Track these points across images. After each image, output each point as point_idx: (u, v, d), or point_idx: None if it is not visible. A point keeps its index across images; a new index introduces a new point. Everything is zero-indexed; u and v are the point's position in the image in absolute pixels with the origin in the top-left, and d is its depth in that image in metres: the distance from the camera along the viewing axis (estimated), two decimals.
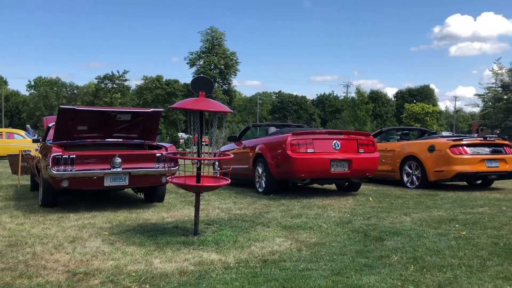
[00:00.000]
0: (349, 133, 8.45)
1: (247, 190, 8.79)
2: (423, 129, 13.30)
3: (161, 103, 66.01)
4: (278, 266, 3.56)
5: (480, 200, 7.44)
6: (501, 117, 54.95)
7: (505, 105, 55.03)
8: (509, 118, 53.80)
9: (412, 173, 9.65)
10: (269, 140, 8.34)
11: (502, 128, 55.83)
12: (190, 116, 4.70)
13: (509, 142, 10.26)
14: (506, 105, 54.94)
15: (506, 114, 54.51)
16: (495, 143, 9.52)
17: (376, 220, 5.55)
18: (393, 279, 3.19)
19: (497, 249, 4.03)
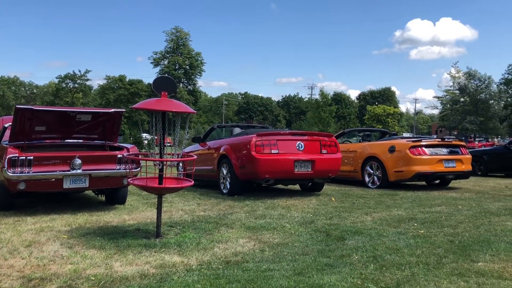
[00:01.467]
0: (312, 134, 8.55)
1: (212, 191, 8.76)
2: (384, 130, 13.62)
3: (124, 103, 64.83)
4: (240, 267, 3.55)
5: (438, 199, 7.68)
6: (459, 119, 56.98)
7: (462, 107, 57.10)
8: (466, 120, 55.84)
9: (373, 173, 9.86)
10: (233, 141, 8.33)
11: (459, 129, 57.91)
12: (153, 117, 4.63)
13: (466, 143, 10.65)
14: (463, 107, 57.02)
15: (463, 116, 56.56)
16: (452, 144, 9.85)
17: (338, 220, 5.63)
18: (353, 278, 3.25)
19: (453, 246, 4.16)
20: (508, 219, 5.61)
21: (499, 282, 3.15)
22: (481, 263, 3.60)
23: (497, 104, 58.74)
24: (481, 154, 14.58)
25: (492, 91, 57.90)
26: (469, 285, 3.09)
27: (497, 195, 8.25)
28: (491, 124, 56.71)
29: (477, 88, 56.57)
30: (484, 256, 3.81)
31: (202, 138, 9.96)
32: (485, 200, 7.47)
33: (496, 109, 57.78)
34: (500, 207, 6.67)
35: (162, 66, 71.47)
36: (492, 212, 6.15)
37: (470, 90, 56.54)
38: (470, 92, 56.58)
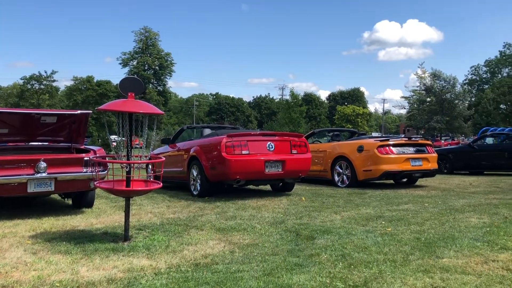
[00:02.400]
0: (283, 135, 8.58)
1: (182, 193, 8.68)
2: (353, 130, 13.82)
3: (92, 104, 63.58)
4: (210, 269, 3.53)
5: (405, 197, 7.83)
6: (425, 119, 58.36)
7: (429, 107, 58.50)
8: (433, 119, 57.26)
9: (343, 172, 9.99)
10: (203, 142, 8.28)
11: (426, 129, 59.32)
12: (120, 119, 4.55)
13: (433, 142, 10.93)
14: (430, 107, 58.43)
15: (429, 115, 57.96)
16: (419, 143, 10.08)
17: (308, 219, 5.67)
18: (322, 277, 3.27)
19: (419, 243, 4.25)
20: (471, 215, 5.77)
21: (462, 277, 3.24)
22: (446, 259, 3.69)
23: (461, 104, 60.45)
24: (447, 152, 14.98)
25: (457, 91, 59.54)
26: (434, 281, 3.16)
27: (461, 193, 8.48)
28: (456, 123, 58.30)
29: (442, 89, 58.06)
30: (449, 252, 3.90)
31: (171, 140, 9.86)
32: (450, 198, 7.67)
33: (461, 108, 59.45)
34: (464, 204, 6.86)
35: (131, 66, 70.58)
36: (457, 209, 6.31)
37: (436, 90, 57.99)
38: (436, 92, 58.02)
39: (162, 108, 71.49)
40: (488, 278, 3.20)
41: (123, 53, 71.44)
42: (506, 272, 3.35)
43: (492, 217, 5.60)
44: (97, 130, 55.99)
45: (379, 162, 9.34)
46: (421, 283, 3.12)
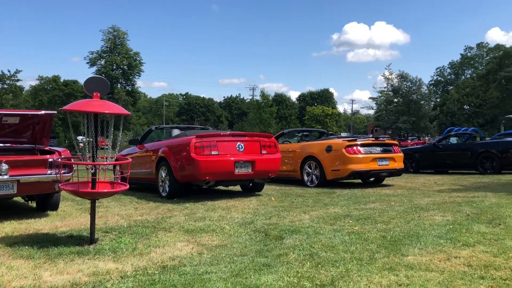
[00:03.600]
0: (252, 135, 8.59)
1: (150, 194, 8.57)
2: (322, 130, 13.98)
3: (59, 104, 62.01)
4: (177, 272, 3.49)
5: (372, 196, 7.97)
6: (393, 119, 59.55)
7: (396, 108, 59.72)
8: (400, 120, 58.48)
9: (312, 172, 10.08)
10: (172, 142, 8.20)
11: (393, 129, 60.58)
12: (86, 119, 4.45)
13: (399, 142, 11.17)
14: (397, 107, 59.66)
15: (396, 116, 59.17)
16: (386, 143, 10.27)
17: (277, 219, 5.69)
18: (289, 277, 3.29)
19: (385, 242, 4.33)
20: (436, 213, 5.92)
21: (426, 274, 3.31)
22: (411, 257, 3.77)
23: (427, 104, 62.02)
24: (413, 152, 15.33)
25: (422, 92, 61.02)
26: (399, 278, 3.22)
27: (427, 191, 8.69)
28: (422, 123, 59.74)
29: (409, 90, 59.37)
30: (413, 250, 3.98)
31: (139, 140, 9.73)
32: (416, 196, 7.85)
33: (426, 109, 60.96)
34: (429, 202, 7.02)
35: (99, 66, 69.18)
36: (422, 207, 6.46)
37: (403, 91, 59.25)
38: (402, 93, 59.28)
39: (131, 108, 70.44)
40: (450, 275, 3.29)
41: (91, 52, 69.93)
42: (467, 268, 3.45)
43: (455, 214, 5.76)
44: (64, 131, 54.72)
45: (347, 161, 9.47)
46: (386, 281, 3.17)
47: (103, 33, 69.97)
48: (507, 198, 7.19)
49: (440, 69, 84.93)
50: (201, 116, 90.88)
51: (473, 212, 5.91)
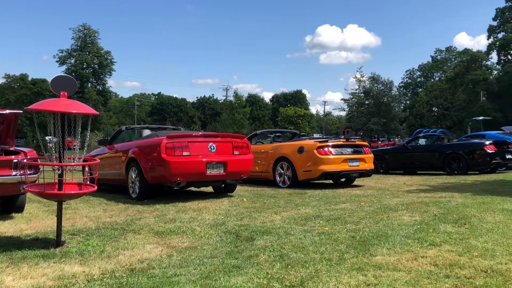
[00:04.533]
0: (225, 136, 8.55)
1: (120, 196, 8.44)
2: (294, 131, 14.06)
3: (26, 104, 60.42)
4: (146, 274, 3.44)
5: (343, 197, 8.05)
6: (364, 120, 60.50)
7: (367, 109, 60.69)
8: (371, 121, 59.43)
9: (284, 173, 10.12)
10: (142, 143, 8.08)
11: (364, 130, 61.51)
12: (53, 119, 4.33)
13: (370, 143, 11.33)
14: (368, 109, 60.63)
15: (368, 117, 60.13)
16: (356, 144, 10.40)
17: (248, 220, 5.68)
18: (259, 278, 3.28)
19: (354, 242, 4.37)
20: (404, 213, 6.02)
21: (394, 273, 3.36)
22: (379, 257, 3.82)
23: (397, 106, 63.25)
24: (383, 153, 15.58)
25: (393, 95, 62.20)
26: (367, 278, 3.26)
27: (396, 192, 8.84)
28: (392, 125, 60.89)
29: (380, 92, 60.43)
30: (382, 250, 4.04)
31: (109, 141, 9.56)
32: (385, 197, 7.97)
33: (396, 111, 62.17)
34: (398, 202, 7.14)
35: (69, 64, 67.84)
36: (391, 208, 6.56)
37: (374, 93, 60.27)
38: (374, 95, 60.29)
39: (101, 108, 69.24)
40: (417, 274, 3.35)
41: (60, 51, 68.65)
42: (434, 267, 3.51)
43: (422, 215, 5.87)
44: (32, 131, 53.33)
45: (318, 162, 9.55)
46: (355, 281, 3.21)
47: (73, 31, 68.76)
48: (472, 199, 7.39)
49: (410, 71, 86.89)
50: (174, 116, 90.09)
51: (440, 212, 6.04)
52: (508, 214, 5.81)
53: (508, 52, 60.33)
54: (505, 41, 57.72)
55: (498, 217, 5.61)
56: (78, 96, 61.69)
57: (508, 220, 5.40)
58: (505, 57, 60.51)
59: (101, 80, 71.65)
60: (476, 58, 60.61)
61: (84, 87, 67.43)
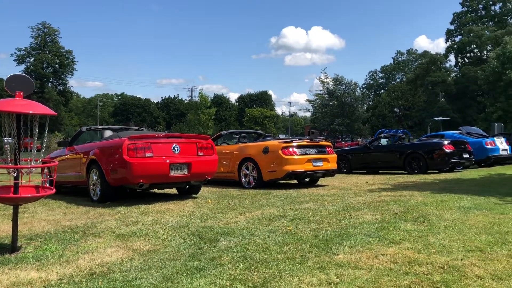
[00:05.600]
0: (188, 137, 8.46)
1: (81, 199, 8.23)
2: (259, 132, 14.09)
3: None
4: (106, 279, 3.36)
5: (307, 196, 8.13)
6: (328, 121, 61.41)
7: (331, 110, 61.65)
8: (335, 122, 60.39)
9: (249, 174, 10.13)
10: (104, 144, 7.90)
11: (329, 131, 62.41)
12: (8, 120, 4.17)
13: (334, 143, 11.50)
14: (332, 110, 61.60)
15: (332, 118, 61.09)
16: (320, 144, 10.53)
17: (212, 222, 5.65)
18: (222, 280, 3.26)
19: (317, 241, 4.42)
20: (366, 212, 6.13)
21: (355, 272, 3.41)
22: (341, 255, 3.87)
23: (360, 107, 64.54)
24: (346, 153, 15.85)
25: (356, 96, 63.42)
26: (329, 277, 3.29)
27: (358, 191, 9.00)
28: (356, 125, 62.10)
29: (343, 93, 61.49)
30: (344, 248, 4.10)
31: (69, 142, 9.30)
32: (348, 196, 8.10)
33: (360, 112, 63.44)
34: (360, 201, 7.27)
35: (28, 64, 65.67)
36: (353, 207, 6.67)
37: (338, 94, 61.27)
38: (337, 96, 61.30)
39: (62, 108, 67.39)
40: (378, 272, 3.41)
41: (18, 49, 66.32)
42: (394, 264, 3.59)
43: (383, 213, 6.00)
44: None
45: (283, 163, 9.61)
46: (317, 280, 3.24)
47: (32, 30, 66.61)
48: (431, 197, 7.61)
49: (373, 73, 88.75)
50: (138, 117, 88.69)
51: (400, 210, 6.19)
52: (464, 211, 6.01)
53: (465, 55, 62.64)
54: (462, 44, 59.86)
55: (455, 214, 5.79)
56: (38, 96, 59.79)
57: (464, 217, 5.58)
58: (462, 60, 62.79)
59: (62, 80, 69.71)
60: (435, 60, 62.57)
61: (44, 87, 65.47)
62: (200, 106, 49.44)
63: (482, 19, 61.04)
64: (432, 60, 62.50)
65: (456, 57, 62.97)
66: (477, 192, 8.04)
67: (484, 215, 5.65)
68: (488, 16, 61.20)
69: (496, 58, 45.17)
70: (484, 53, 60.00)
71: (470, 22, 60.23)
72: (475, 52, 61.68)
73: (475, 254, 3.84)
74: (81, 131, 9.59)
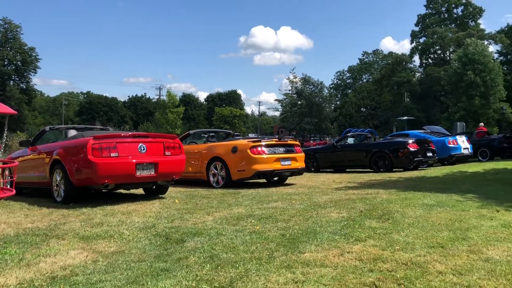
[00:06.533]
0: (155, 136, 8.34)
1: (44, 200, 8.00)
2: (228, 131, 14.07)
3: None
4: (68, 282, 3.27)
5: (275, 195, 8.16)
6: (297, 120, 61.93)
7: (300, 110, 62.19)
8: (303, 121, 60.92)
9: (218, 173, 10.09)
10: (68, 144, 7.70)
11: (297, 130, 62.92)
12: None
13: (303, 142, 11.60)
14: (300, 109, 62.14)
15: (300, 117, 61.62)
16: (288, 143, 10.59)
17: (179, 222, 5.59)
18: (188, 281, 3.23)
19: (284, 240, 4.44)
20: (332, 210, 6.21)
21: (321, 270, 3.45)
22: (307, 254, 3.90)
23: (328, 107, 65.37)
24: (314, 152, 16.01)
25: (324, 95, 64.19)
26: (295, 275, 3.31)
27: (325, 189, 9.10)
28: (323, 124, 62.83)
29: (311, 93, 62.11)
30: (310, 247, 4.13)
31: (32, 142, 9.02)
32: (316, 194, 8.18)
33: (327, 111, 64.24)
34: (327, 200, 7.36)
35: None
36: (320, 205, 6.74)
37: (306, 94, 61.84)
38: (306, 96, 61.87)
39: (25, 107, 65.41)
40: (343, 269, 3.45)
41: None
42: (358, 262, 3.64)
43: (349, 211, 6.09)
44: None
45: (252, 162, 9.61)
46: (283, 278, 3.25)
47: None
48: (396, 195, 7.77)
49: (340, 73, 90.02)
50: (104, 116, 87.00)
51: (366, 208, 6.29)
52: (427, 208, 6.17)
53: (429, 56, 64.38)
54: (426, 45, 61.50)
55: (419, 211, 5.93)
56: None
57: (427, 214, 5.73)
58: (426, 61, 64.49)
59: (24, 77, 67.63)
60: (400, 61, 64.01)
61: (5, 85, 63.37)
62: (168, 105, 48.93)
63: (445, 21, 62.94)
64: (398, 61, 63.93)
65: (421, 58, 64.64)
66: (440, 190, 8.26)
67: (446, 212, 5.81)
68: (450, 19, 63.15)
69: (458, 60, 46.67)
70: (447, 54, 61.87)
71: (434, 24, 61.98)
72: (439, 53, 63.53)
73: (437, 250, 3.94)
74: (44, 131, 9.32)
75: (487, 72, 44.84)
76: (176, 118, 48.46)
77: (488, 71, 44.87)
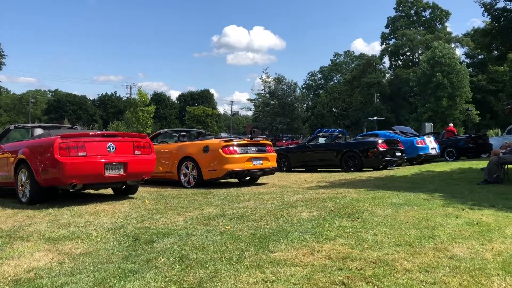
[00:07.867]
0: (125, 135, 8.20)
1: (8, 201, 7.77)
2: (199, 130, 13.98)
3: None
4: (32, 285, 3.17)
5: (246, 195, 8.15)
6: (269, 120, 62.09)
7: (272, 110, 62.37)
8: (276, 121, 61.15)
9: (189, 173, 10.01)
10: (34, 143, 7.49)
11: (270, 130, 63.11)
12: None
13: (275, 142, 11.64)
14: (273, 109, 62.33)
15: (273, 117, 61.82)
16: (260, 143, 10.60)
17: (149, 223, 5.52)
18: (157, 282, 3.18)
19: (255, 239, 4.43)
20: (303, 209, 6.24)
21: (291, 269, 3.45)
22: (278, 253, 3.90)
23: (300, 107, 65.82)
24: (285, 152, 16.09)
25: (296, 95, 64.60)
26: (266, 275, 3.31)
27: (297, 189, 9.15)
28: (296, 124, 63.21)
29: (284, 93, 62.39)
30: (280, 246, 4.14)
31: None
32: (287, 194, 8.22)
33: (300, 111, 64.67)
34: (298, 199, 7.40)
35: None
36: (291, 204, 6.77)
37: (279, 94, 62.09)
38: (278, 96, 62.11)
39: None
40: (313, 268, 3.47)
41: None
42: (328, 261, 3.67)
43: (320, 210, 6.13)
44: None
45: (223, 162, 9.58)
46: (253, 278, 3.24)
47: None
48: (365, 194, 7.88)
49: (312, 73, 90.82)
50: (73, 114, 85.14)
51: (336, 207, 6.36)
52: (396, 207, 6.27)
53: (398, 58, 65.72)
54: (395, 47, 62.74)
55: (387, 210, 6.03)
56: None
57: (396, 213, 5.82)
58: (396, 62, 65.84)
59: None
60: (371, 62, 65.13)
61: None
62: (139, 104, 48.27)
63: (414, 24, 64.36)
64: (368, 62, 65.02)
65: (390, 59, 65.92)
66: (408, 189, 8.43)
67: (413, 211, 5.93)
68: (419, 21, 64.63)
69: (426, 61, 47.82)
70: (415, 56, 63.27)
71: (403, 26, 63.28)
72: (408, 55, 64.93)
73: (404, 248, 4.01)
74: (9, 129, 9.03)
75: (454, 74, 46.11)
76: (147, 117, 47.86)
77: (455, 73, 46.15)
